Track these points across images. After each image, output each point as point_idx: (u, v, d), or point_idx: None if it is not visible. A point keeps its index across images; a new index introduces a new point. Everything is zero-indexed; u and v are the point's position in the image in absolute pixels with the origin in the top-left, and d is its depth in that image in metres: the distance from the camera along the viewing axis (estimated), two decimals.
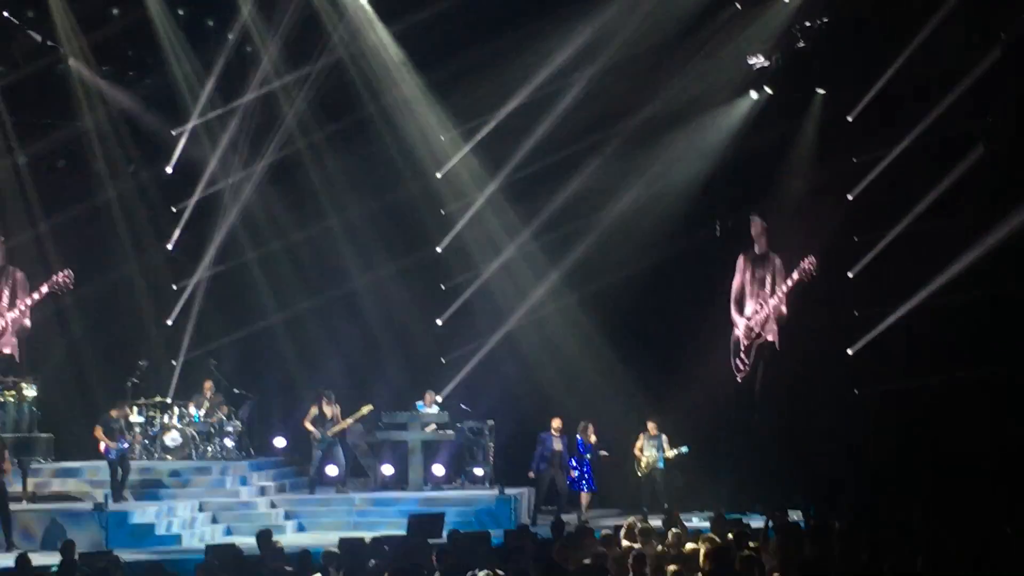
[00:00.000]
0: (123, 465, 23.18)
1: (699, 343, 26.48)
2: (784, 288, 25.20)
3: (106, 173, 27.65)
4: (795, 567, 13.09)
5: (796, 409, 26.08)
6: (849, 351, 25.18)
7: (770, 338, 25.73)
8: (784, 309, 25.41)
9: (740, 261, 26.06)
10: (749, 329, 26.04)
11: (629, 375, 26.68)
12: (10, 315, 25.49)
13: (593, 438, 24.76)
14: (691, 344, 26.51)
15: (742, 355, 26.08)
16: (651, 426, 25.16)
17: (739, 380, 26.12)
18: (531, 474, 24.77)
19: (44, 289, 25.35)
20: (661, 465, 25.03)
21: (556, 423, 24.77)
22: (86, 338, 27.55)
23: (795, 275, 24.65)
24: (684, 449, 25.07)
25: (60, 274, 25.12)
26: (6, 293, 25.53)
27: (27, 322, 25.51)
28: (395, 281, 27.94)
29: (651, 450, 25.09)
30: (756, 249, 25.98)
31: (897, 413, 24.17)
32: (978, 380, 22.93)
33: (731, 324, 26.28)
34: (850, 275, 25.26)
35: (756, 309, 25.92)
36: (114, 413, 23.44)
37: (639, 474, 25.14)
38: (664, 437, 25.14)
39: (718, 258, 26.63)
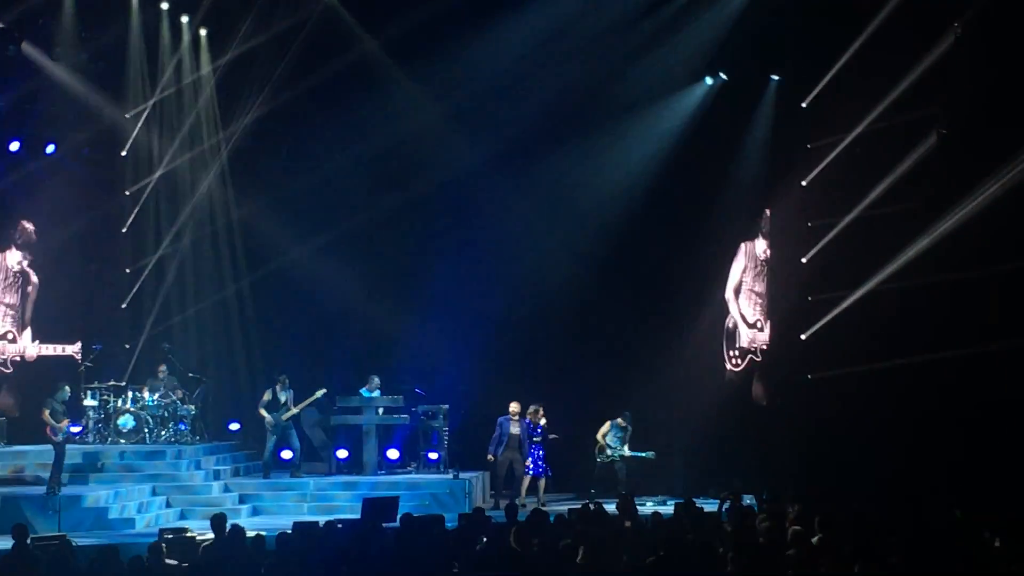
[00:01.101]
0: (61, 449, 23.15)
1: (660, 331, 26.66)
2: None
3: (60, 156, 27.42)
4: (748, 550, 13.20)
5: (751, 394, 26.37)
6: (802, 336, 25.34)
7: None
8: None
9: (743, 249, 26.47)
10: (751, 339, 26.45)
11: (587, 360, 26.81)
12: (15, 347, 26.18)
13: (543, 421, 24.82)
14: (652, 332, 26.66)
15: (737, 349, 26.47)
16: (620, 420, 25.24)
17: (728, 368, 26.48)
18: (490, 457, 24.82)
19: (68, 351, 26.13)
20: (619, 456, 25.11)
21: (514, 407, 24.80)
22: (39, 321, 27.37)
23: None
24: (650, 454, 25.18)
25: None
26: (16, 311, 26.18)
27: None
28: (351, 265, 27.85)
29: (614, 440, 25.18)
30: (759, 249, 26.38)
31: (849, 398, 24.29)
32: (929, 365, 23.08)
33: (725, 310, 26.71)
34: (803, 260, 25.40)
35: (757, 323, 26.32)
36: (57, 395, 23.41)
37: (597, 459, 25.23)
38: (629, 431, 25.23)
39: (678, 248, 26.79)
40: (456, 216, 27.64)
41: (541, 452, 24.76)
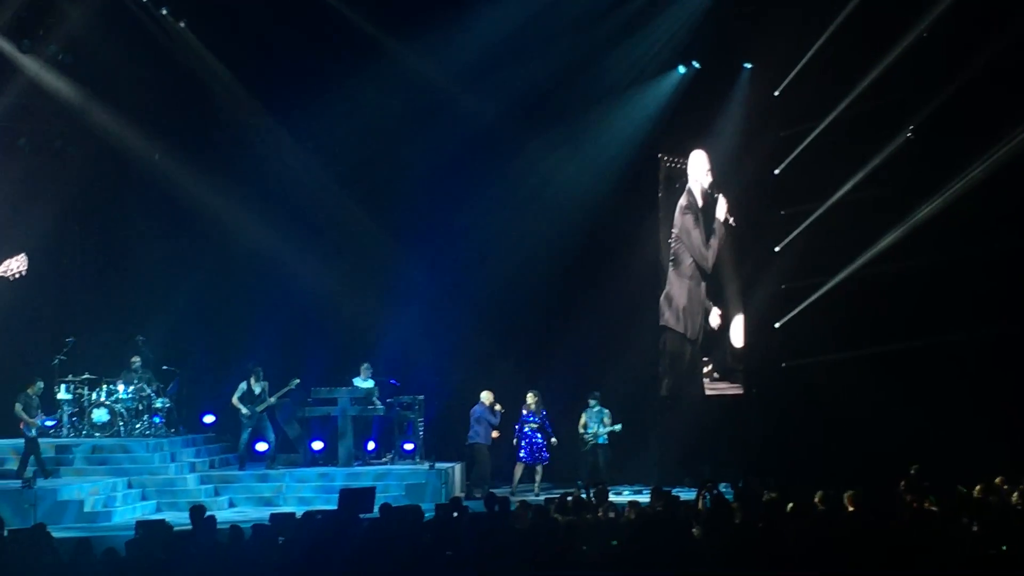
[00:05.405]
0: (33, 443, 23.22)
1: (631, 319, 26.69)
2: None
3: (31, 149, 27.30)
4: (725, 535, 13.29)
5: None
6: (776, 325, 25.43)
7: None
8: None
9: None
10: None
11: (563, 348, 26.81)
12: None
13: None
14: (625, 318, 26.67)
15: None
16: (592, 402, 25.28)
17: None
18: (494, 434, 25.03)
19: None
20: (603, 440, 25.14)
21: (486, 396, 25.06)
22: (11, 314, 27.22)
23: None
24: (616, 427, 25.20)
25: (14, 261, 25.31)
26: None
27: None
28: (325, 256, 27.76)
29: (594, 425, 25.20)
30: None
31: (823, 386, 24.40)
32: (903, 352, 23.24)
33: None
34: (776, 249, 25.47)
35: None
36: (30, 390, 23.39)
37: (582, 449, 25.23)
38: (606, 411, 25.26)
39: (648, 235, 26.86)
40: (430, 206, 27.56)
41: (539, 438, 24.84)
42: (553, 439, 24.97)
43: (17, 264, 25.66)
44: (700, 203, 26.73)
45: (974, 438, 22.03)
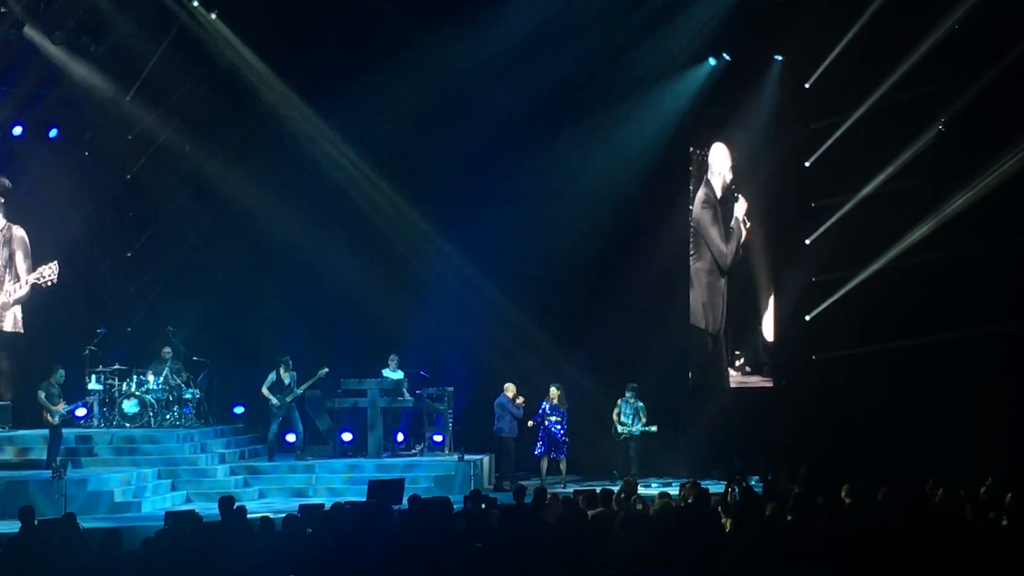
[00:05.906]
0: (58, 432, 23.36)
1: (660, 312, 26.64)
2: None
3: (63, 140, 27.42)
4: (753, 528, 13.25)
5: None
6: (807, 317, 25.35)
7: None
8: None
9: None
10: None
11: (592, 342, 26.76)
12: (13, 287, 26.02)
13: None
14: (655, 313, 26.63)
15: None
16: (627, 395, 25.25)
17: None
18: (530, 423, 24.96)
19: (30, 280, 25.89)
20: (636, 433, 25.14)
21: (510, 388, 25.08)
22: (43, 305, 27.34)
23: None
24: (652, 428, 25.17)
25: (46, 268, 25.61)
26: (5, 259, 26.03)
27: (27, 288, 26.30)
28: (355, 248, 27.77)
29: (626, 417, 25.19)
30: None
31: (854, 378, 24.32)
32: (935, 345, 23.11)
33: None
34: (807, 242, 25.39)
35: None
36: (52, 378, 23.53)
37: (616, 440, 25.23)
38: (642, 405, 25.24)
39: (678, 228, 26.80)
40: (460, 198, 27.52)
41: (559, 432, 24.78)
42: (566, 438, 24.93)
43: (49, 271, 26.01)
44: (719, 195, 26.67)
45: (1011, 432, 21.94)
